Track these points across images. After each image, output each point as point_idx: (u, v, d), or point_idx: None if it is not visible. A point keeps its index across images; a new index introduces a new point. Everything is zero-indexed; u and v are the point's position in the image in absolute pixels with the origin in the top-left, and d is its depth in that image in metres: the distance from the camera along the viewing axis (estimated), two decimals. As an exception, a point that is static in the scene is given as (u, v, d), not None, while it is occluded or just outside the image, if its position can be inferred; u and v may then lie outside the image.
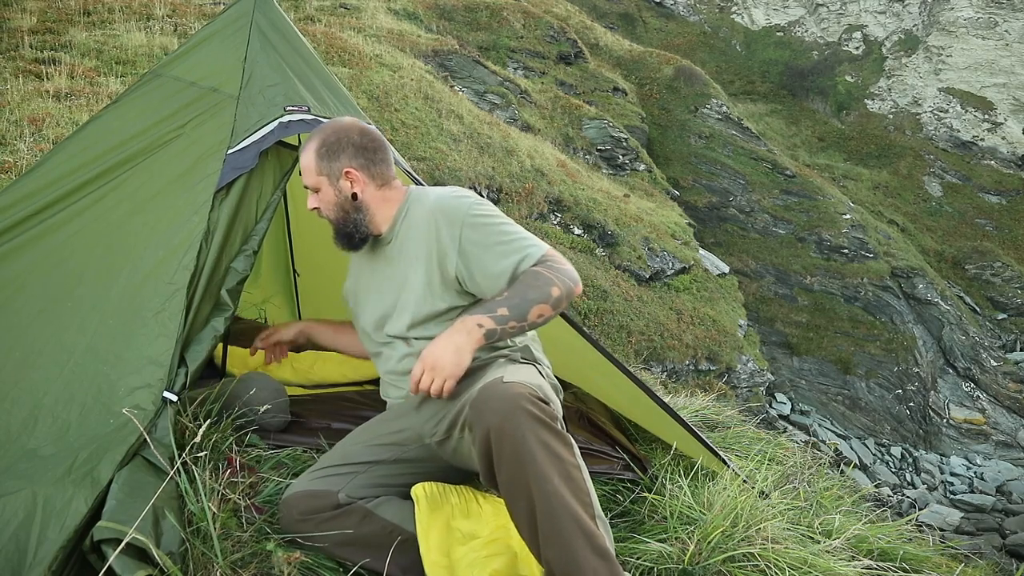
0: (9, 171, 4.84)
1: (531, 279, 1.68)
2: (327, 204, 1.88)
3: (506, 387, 1.49)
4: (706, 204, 20.80)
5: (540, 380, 1.65)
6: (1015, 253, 24.76)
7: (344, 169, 1.84)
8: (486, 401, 1.49)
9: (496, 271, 1.72)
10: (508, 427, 1.44)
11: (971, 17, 30.35)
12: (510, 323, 1.64)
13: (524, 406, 1.45)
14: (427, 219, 1.81)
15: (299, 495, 1.70)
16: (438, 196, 1.84)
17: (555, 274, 1.69)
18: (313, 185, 1.87)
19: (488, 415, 1.47)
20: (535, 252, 1.73)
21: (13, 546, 1.38)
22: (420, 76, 12.82)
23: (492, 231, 1.75)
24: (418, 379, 1.63)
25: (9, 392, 1.68)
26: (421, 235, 1.81)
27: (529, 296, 1.66)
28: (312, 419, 2.29)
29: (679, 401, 3.86)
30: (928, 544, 2.59)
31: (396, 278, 1.86)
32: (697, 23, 34.88)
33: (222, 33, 2.19)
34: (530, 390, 1.49)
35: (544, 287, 1.67)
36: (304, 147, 1.88)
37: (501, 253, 1.73)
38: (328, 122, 1.92)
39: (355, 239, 1.88)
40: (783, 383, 18.05)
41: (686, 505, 1.99)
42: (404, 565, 1.66)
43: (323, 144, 1.85)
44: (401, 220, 1.87)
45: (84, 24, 9.36)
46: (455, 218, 1.77)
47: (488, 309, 1.65)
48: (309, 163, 1.86)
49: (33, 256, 1.87)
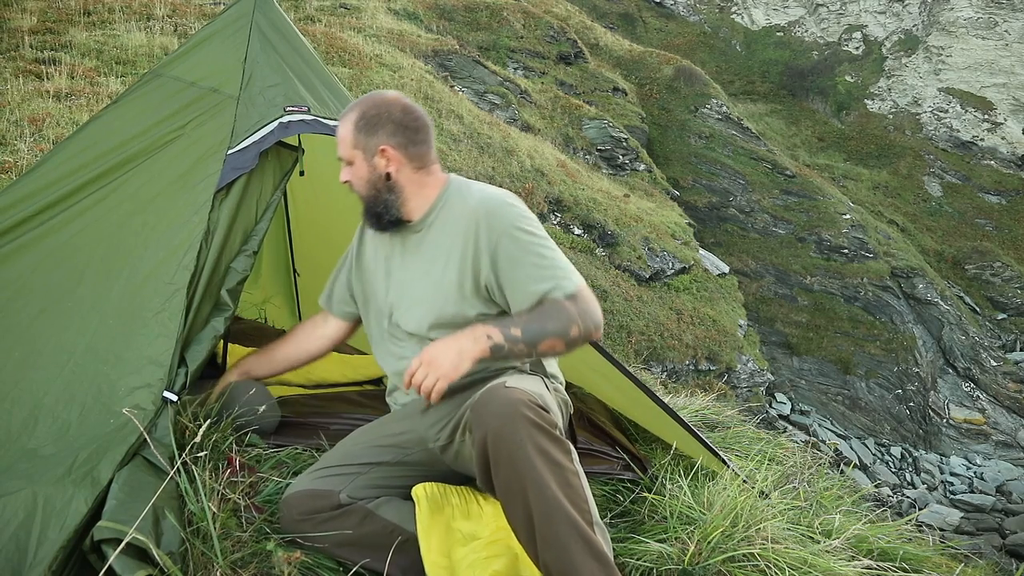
0: (9, 171, 4.84)
1: (555, 311, 1.62)
2: (359, 179, 1.80)
3: (507, 392, 1.49)
4: (706, 204, 20.80)
5: (542, 390, 1.64)
6: (1015, 253, 24.75)
7: (381, 146, 1.76)
8: (486, 405, 1.49)
9: (524, 292, 1.67)
10: (506, 431, 1.43)
11: (971, 17, 30.34)
12: (519, 345, 1.58)
13: (523, 411, 1.44)
14: (468, 216, 1.74)
15: (300, 495, 1.70)
16: (485, 196, 1.77)
17: (580, 314, 1.63)
18: (347, 158, 1.80)
19: (487, 418, 1.47)
20: (567, 285, 1.66)
21: (13, 546, 1.38)
22: (420, 76, 12.82)
23: (531, 250, 1.69)
24: (413, 372, 1.58)
25: (9, 392, 1.68)
26: (459, 231, 1.74)
27: (548, 327, 1.60)
28: (312, 419, 2.29)
29: (679, 401, 3.85)
30: (928, 544, 2.59)
31: (420, 269, 1.80)
32: (697, 23, 34.87)
33: (222, 33, 2.19)
34: (530, 396, 1.48)
35: (565, 323, 1.61)
36: (343, 116, 1.81)
37: (533, 276, 1.67)
38: (371, 94, 1.83)
39: (383, 220, 1.80)
40: (783, 383, 18.05)
41: (686, 505, 1.99)
42: (404, 565, 1.65)
43: (362, 117, 1.77)
44: (438, 210, 1.79)
45: (84, 24, 9.36)
46: (497, 225, 1.70)
47: (503, 324, 1.60)
48: (346, 134, 1.78)
49: (33, 256, 1.87)
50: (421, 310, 1.77)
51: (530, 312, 1.64)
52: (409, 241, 1.83)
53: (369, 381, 2.90)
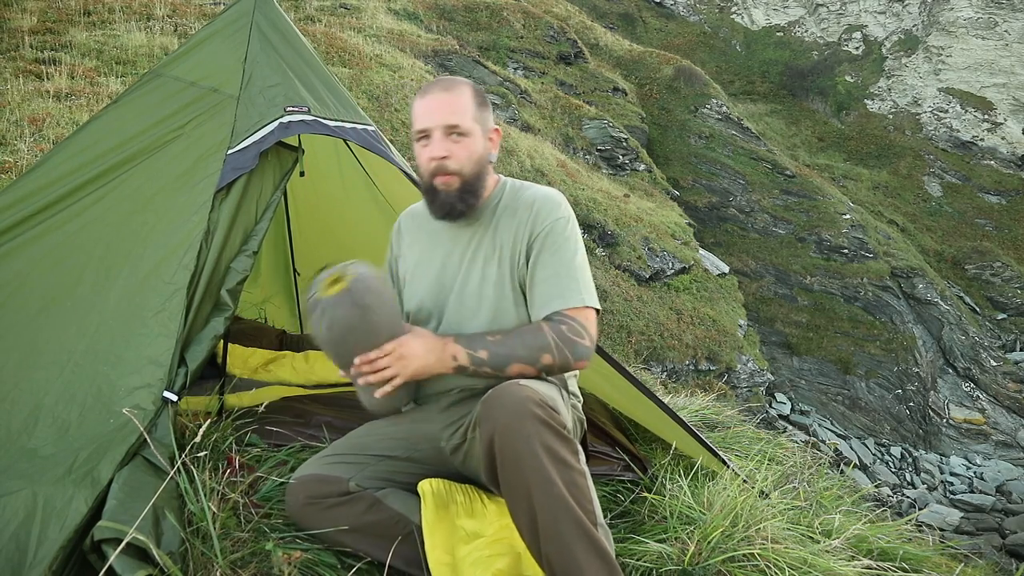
0: (9, 171, 4.84)
1: (530, 336, 1.62)
2: (469, 155, 1.69)
3: (518, 389, 1.49)
4: (706, 204, 20.80)
5: (555, 395, 1.63)
6: (1015, 253, 24.75)
7: (494, 127, 1.73)
8: (496, 400, 1.49)
9: (537, 307, 1.68)
10: (515, 427, 1.43)
11: (971, 17, 30.34)
12: (484, 368, 1.60)
13: (532, 409, 1.44)
14: (524, 209, 1.73)
15: (308, 478, 1.68)
16: (542, 193, 1.75)
17: (559, 342, 1.61)
18: (466, 129, 1.68)
19: (496, 413, 1.47)
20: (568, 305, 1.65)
21: (13, 546, 1.38)
22: (420, 76, 12.82)
23: (562, 260, 1.69)
24: (383, 355, 1.58)
25: (9, 392, 1.68)
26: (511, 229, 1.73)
27: (516, 352, 1.60)
28: (312, 419, 2.30)
29: (679, 401, 3.86)
30: (928, 544, 2.59)
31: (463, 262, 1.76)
32: (697, 23, 34.87)
33: (222, 33, 2.20)
34: (540, 396, 1.48)
35: (537, 350, 1.60)
36: (448, 86, 1.71)
37: (552, 288, 1.67)
38: (451, 77, 1.77)
39: (467, 204, 1.70)
40: (783, 383, 18.04)
41: (686, 505, 1.99)
42: (407, 556, 1.65)
43: (476, 93, 1.70)
44: (493, 205, 1.77)
45: (84, 24, 9.36)
46: (543, 225, 1.70)
47: (471, 346, 1.61)
48: (465, 104, 1.68)
49: (33, 256, 1.87)
50: (481, 315, 1.73)
51: (506, 334, 1.64)
52: (460, 236, 1.79)
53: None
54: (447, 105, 1.68)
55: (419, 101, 1.72)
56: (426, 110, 1.70)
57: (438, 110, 1.68)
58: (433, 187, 1.71)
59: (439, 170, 1.68)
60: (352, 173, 2.98)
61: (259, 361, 2.95)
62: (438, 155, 1.67)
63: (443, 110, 1.68)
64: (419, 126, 1.71)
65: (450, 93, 1.69)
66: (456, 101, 1.68)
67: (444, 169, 1.68)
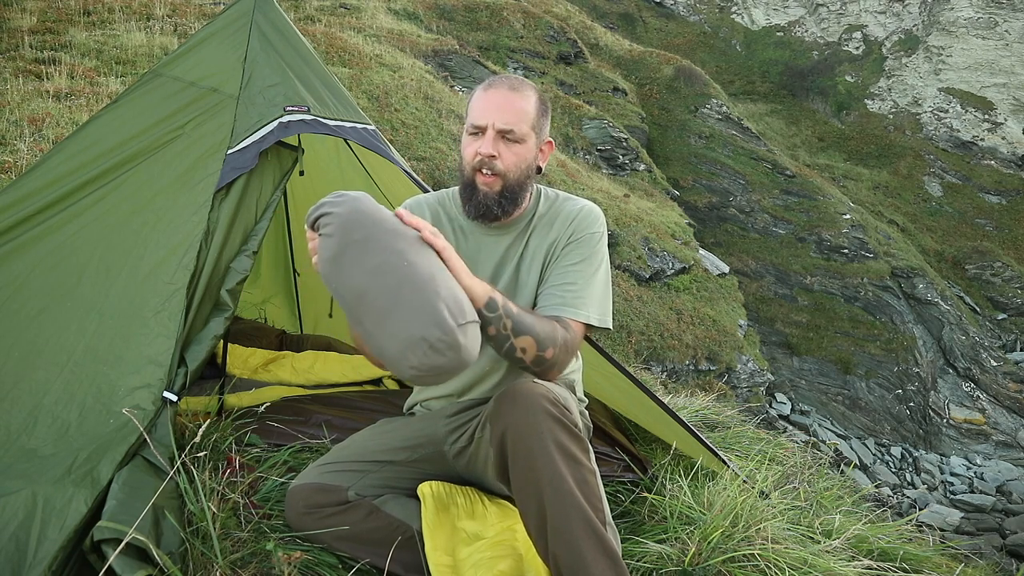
0: (9, 171, 4.84)
1: (548, 325, 1.59)
2: (518, 160, 1.65)
3: (531, 387, 1.49)
4: (706, 204, 20.80)
5: (567, 394, 1.62)
6: (1015, 253, 24.75)
7: (548, 139, 1.72)
8: (508, 397, 1.49)
9: (550, 301, 1.68)
10: (527, 424, 1.43)
11: (971, 17, 30.33)
12: (506, 321, 1.50)
13: (544, 406, 1.44)
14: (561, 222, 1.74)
15: (307, 487, 1.68)
16: (581, 209, 1.75)
17: (563, 345, 1.60)
18: (521, 134, 1.64)
19: (509, 410, 1.47)
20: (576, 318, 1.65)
21: (13, 546, 1.38)
22: (420, 76, 12.82)
23: (584, 272, 1.70)
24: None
25: (9, 392, 1.68)
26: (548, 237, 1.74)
27: (535, 329, 1.54)
28: (312, 419, 2.30)
29: (679, 401, 3.85)
30: (928, 544, 2.59)
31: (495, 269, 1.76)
32: (697, 23, 34.86)
33: (222, 33, 2.19)
34: (553, 394, 1.48)
35: (548, 339, 1.57)
36: (516, 85, 1.67)
37: (567, 295, 1.67)
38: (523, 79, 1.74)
39: (504, 208, 1.67)
40: (783, 383, 18.04)
41: (686, 505, 1.98)
42: (407, 562, 1.64)
43: (541, 100, 1.68)
44: (529, 216, 1.76)
45: (84, 24, 9.36)
46: (577, 236, 1.71)
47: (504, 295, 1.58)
48: (528, 108, 1.64)
49: (33, 256, 1.87)
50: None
51: (531, 312, 1.65)
52: (493, 242, 1.77)
53: (369, 381, 2.90)
54: (510, 105, 1.63)
55: (481, 94, 1.67)
56: (486, 106, 1.64)
57: (499, 109, 1.63)
58: (473, 183, 1.67)
59: (483, 165, 1.64)
60: (352, 172, 2.98)
61: (259, 361, 2.95)
62: (487, 152, 1.63)
63: (504, 110, 1.63)
64: (475, 120, 1.65)
65: (516, 93, 1.64)
66: (519, 103, 1.63)
67: (489, 167, 1.64)
